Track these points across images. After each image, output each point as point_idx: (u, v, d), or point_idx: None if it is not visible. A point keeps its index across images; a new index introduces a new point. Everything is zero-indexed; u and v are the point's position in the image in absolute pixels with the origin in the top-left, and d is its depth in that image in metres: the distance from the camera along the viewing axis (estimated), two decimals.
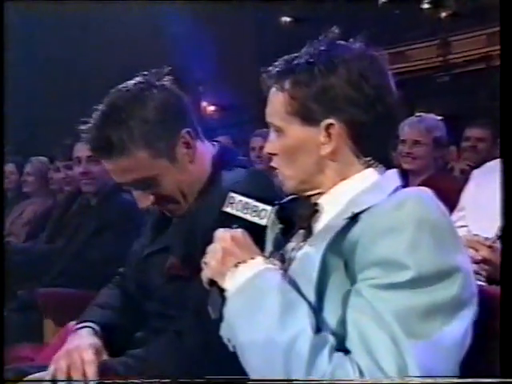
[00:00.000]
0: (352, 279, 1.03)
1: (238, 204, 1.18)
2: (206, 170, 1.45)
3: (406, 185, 1.17)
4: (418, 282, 0.97)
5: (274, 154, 1.19)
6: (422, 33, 8.99)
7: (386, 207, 1.04)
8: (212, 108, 9.57)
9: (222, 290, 1.08)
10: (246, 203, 1.18)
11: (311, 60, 1.14)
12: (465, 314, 1.00)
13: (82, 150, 2.71)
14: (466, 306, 1.00)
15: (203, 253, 1.12)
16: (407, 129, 2.88)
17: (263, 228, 1.25)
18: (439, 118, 3.12)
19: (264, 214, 1.17)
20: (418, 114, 3.12)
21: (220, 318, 1.06)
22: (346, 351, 0.98)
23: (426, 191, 1.07)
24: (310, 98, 1.12)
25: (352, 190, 1.14)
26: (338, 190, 1.15)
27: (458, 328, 0.98)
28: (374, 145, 1.15)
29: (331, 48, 1.15)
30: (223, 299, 1.06)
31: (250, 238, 1.12)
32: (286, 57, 1.18)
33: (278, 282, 1.04)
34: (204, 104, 9.42)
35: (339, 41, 1.18)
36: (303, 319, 0.99)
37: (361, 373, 0.94)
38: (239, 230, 1.12)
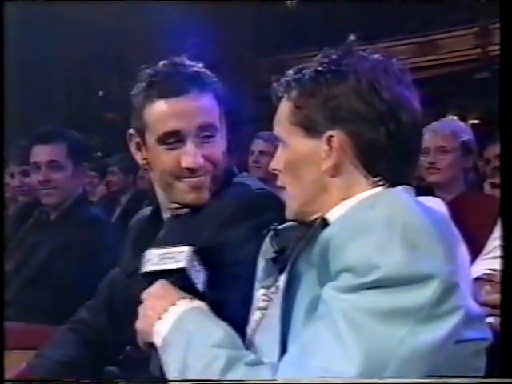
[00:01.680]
0: (323, 287, 1.10)
1: (154, 258, 1.31)
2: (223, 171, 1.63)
3: None
4: (382, 283, 1.04)
5: (279, 171, 1.28)
6: (456, 18, 9.05)
7: (356, 210, 1.13)
8: None
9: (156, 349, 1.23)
10: (163, 253, 1.31)
11: (319, 68, 1.22)
12: (439, 327, 1.04)
13: (41, 153, 2.71)
14: (440, 319, 1.04)
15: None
16: (429, 135, 2.84)
17: None
18: (474, 121, 3.09)
19: (181, 257, 1.29)
20: (450, 117, 3.10)
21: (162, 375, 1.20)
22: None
23: (404, 191, 1.16)
24: (313, 108, 1.21)
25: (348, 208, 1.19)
26: (336, 210, 1.21)
27: (428, 339, 1.04)
28: (386, 165, 1.20)
29: (343, 57, 1.23)
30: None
31: (171, 285, 1.27)
32: (299, 66, 1.26)
33: (201, 318, 1.20)
34: None
35: (356, 49, 1.25)
36: (218, 346, 1.13)
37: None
38: (157, 282, 1.28)
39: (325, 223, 1.19)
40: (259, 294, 1.32)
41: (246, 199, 1.51)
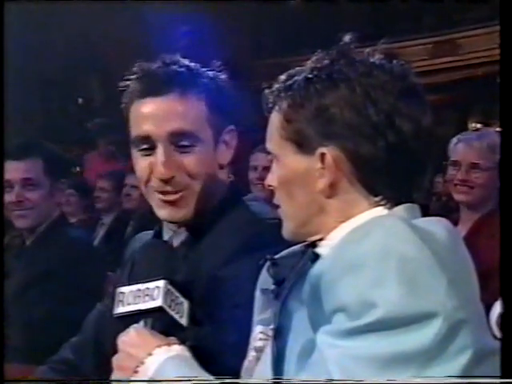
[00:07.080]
0: (316, 330, 1.10)
1: (127, 297, 1.30)
2: (224, 187, 1.62)
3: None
4: (378, 326, 1.03)
5: (274, 188, 1.28)
6: (478, 15, 9.09)
7: (348, 241, 1.12)
8: None
9: None
10: (137, 290, 1.30)
11: (310, 76, 1.21)
12: (445, 372, 1.03)
13: (14, 170, 2.68)
14: (446, 362, 1.04)
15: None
16: (462, 147, 2.83)
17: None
18: (498, 129, 3.09)
19: (157, 293, 1.28)
20: (473, 125, 3.10)
21: None
22: None
23: (404, 213, 1.16)
24: (304, 122, 1.20)
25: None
26: (334, 235, 1.21)
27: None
28: (387, 182, 1.20)
29: (336, 62, 1.21)
30: None
31: (149, 328, 1.28)
32: (291, 71, 1.25)
33: (181, 370, 1.18)
34: None
35: (352, 52, 1.23)
36: None
37: None
38: (132, 328, 1.28)
39: (315, 256, 1.19)
40: (257, 331, 1.32)
41: (255, 234, 1.50)
